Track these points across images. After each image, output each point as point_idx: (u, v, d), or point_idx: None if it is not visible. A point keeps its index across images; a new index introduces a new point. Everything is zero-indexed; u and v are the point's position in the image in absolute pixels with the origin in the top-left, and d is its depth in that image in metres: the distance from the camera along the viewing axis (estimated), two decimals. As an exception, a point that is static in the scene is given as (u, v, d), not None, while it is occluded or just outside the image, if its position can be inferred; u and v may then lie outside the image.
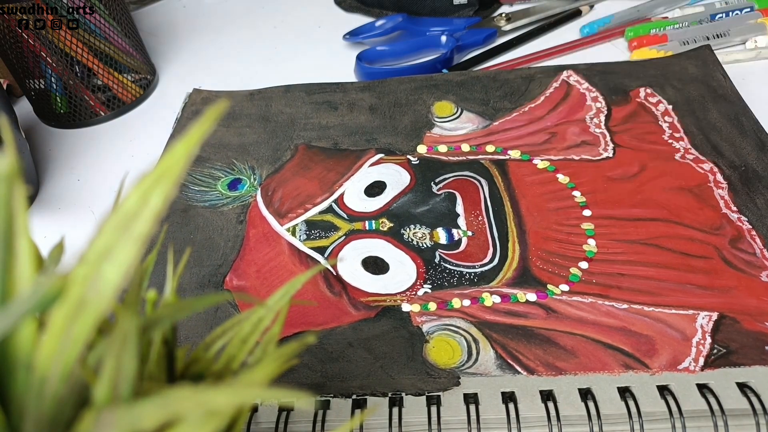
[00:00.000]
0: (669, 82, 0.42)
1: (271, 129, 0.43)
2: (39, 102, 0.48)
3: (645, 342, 0.27)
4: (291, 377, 0.27)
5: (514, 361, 0.27)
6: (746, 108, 0.39)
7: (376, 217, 0.35)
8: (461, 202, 0.36)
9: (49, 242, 0.20)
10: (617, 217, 0.34)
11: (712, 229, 0.33)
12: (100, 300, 0.11)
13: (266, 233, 0.35)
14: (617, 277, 0.31)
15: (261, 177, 0.39)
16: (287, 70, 0.52)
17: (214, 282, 0.32)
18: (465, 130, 0.41)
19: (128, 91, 0.49)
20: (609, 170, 0.37)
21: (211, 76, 0.53)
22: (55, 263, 0.14)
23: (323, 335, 0.29)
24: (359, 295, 0.31)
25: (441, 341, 0.28)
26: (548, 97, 0.43)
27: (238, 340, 0.17)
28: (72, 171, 0.44)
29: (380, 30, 0.53)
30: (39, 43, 0.44)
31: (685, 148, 0.38)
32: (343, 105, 0.45)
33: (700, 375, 0.26)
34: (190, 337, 0.29)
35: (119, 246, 0.11)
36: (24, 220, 0.12)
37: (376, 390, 0.26)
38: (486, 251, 0.33)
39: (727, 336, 0.27)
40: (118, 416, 0.11)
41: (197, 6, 0.65)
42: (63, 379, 0.12)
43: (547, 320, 0.29)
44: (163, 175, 0.11)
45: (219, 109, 0.11)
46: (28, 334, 0.12)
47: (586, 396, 0.25)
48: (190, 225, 0.35)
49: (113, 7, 0.46)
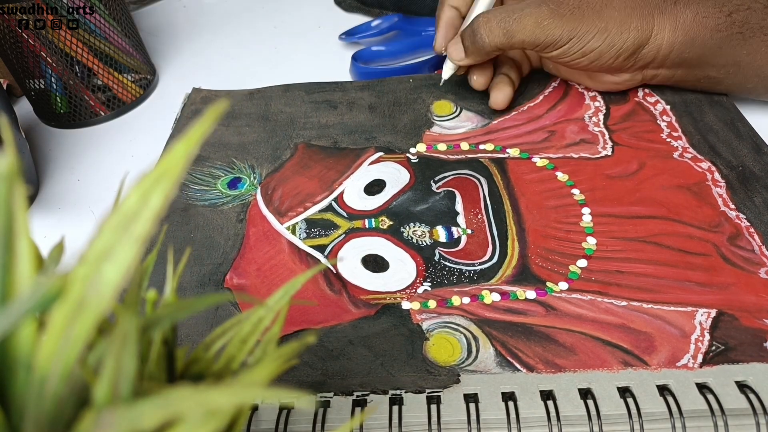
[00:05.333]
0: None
1: (271, 128, 0.43)
2: (39, 102, 0.48)
3: (644, 339, 0.27)
4: (291, 375, 0.27)
5: (514, 359, 0.27)
6: (741, 115, 0.40)
7: (376, 216, 0.35)
8: (460, 200, 0.36)
9: (49, 242, 0.20)
10: (616, 214, 0.34)
11: (710, 226, 0.33)
12: (100, 300, 0.11)
13: (266, 232, 0.35)
14: (616, 274, 0.31)
15: (261, 176, 0.39)
16: (287, 70, 0.52)
17: (215, 281, 0.32)
18: (464, 129, 0.41)
19: (128, 91, 0.49)
20: (608, 168, 0.37)
21: (211, 76, 0.53)
22: (55, 263, 0.14)
23: (323, 333, 0.29)
24: (359, 293, 0.31)
25: (441, 339, 0.28)
26: (547, 97, 0.43)
27: (238, 340, 0.17)
28: (72, 171, 0.44)
29: (376, 30, 0.53)
30: (39, 43, 0.44)
31: (683, 147, 0.38)
32: (343, 104, 0.45)
33: (699, 373, 0.26)
34: (190, 336, 0.29)
35: (119, 246, 0.11)
36: (24, 220, 0.12)
37: (376, 388, 0.26)
38: (485, 249, 0.33)
39: (725, 333, 0.27)
40: (118, 416, 0.11)
41: (197, 6, 0.65)
42: (63, 379, 0.12)
43: (546, 317, 0.29)
44: (163, 175, 0.11)
45: (219, 109, 0.12)
46: (28, 334, 0.12)
47: (585, 395, 0.25)
48: (190, 224, 0.36)
49: (113, 7, 0.46)
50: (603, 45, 0.36)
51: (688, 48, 0.37)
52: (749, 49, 0.37)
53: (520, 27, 0.36)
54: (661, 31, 0.36)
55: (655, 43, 0.37)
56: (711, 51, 0.37)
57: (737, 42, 0.37)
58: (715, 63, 0.38)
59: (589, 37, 0.36)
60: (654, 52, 0.37)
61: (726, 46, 0.37)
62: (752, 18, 0.36)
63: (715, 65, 0.38)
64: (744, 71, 0.38)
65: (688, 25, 0.36)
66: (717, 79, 0.39)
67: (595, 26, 0.36)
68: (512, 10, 0.37)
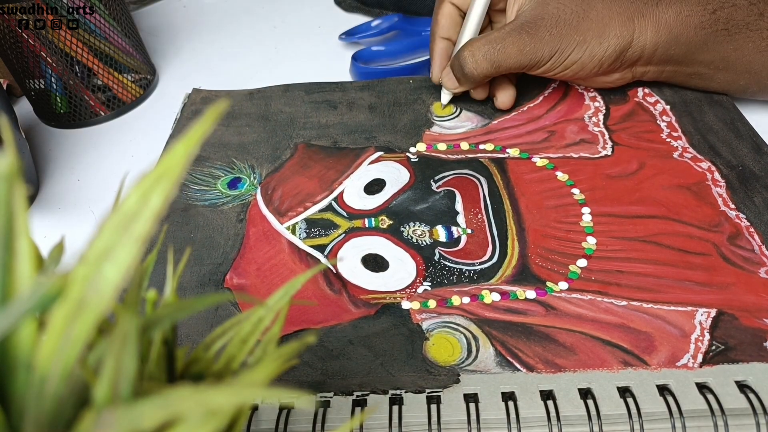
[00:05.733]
0: (667, 83, 0.43)
1: (271, 128, 0.43)
2: (39, 102, 0.48)
3: (644, 339, 0.27)
4: (291, 375, 0.27)
5: (514, 359, 0.27)
6: (741, 115, 0.40)
7: (376, 215, 0.35)
8: (460, 199, 0.36)
9: (49, 242, 0.20)
10: (616, 214, 0.34)
11: (710, 226, 0.33)
12: (100, 300, 0.11)
13: (266, 232, 0.35)
14: (616, 274, 0.31)
15: (261, 176, 0.39)
16: (287, 70, 0.52)
17: (215, 280, 0.32)
18: (464, 129, 0.41)
19: (128, 91, 0.49)
20: (608, 168, 0.37)
21: (211, 76, 0.53)
22: (55, 263, 0.14)
23: (323, 333, 0.29)
24: (359, 292, 0.31)
25: (441, 338, 0.28)
26: (547, 97, 0.43)
27: (238, 339, 0.17)
28: (72, 171, 0.44)
29: (376, 30, 0.54)
30: (39, 43, 0.44)
31: (683, 147, 0.38)
32: (343, 104, 0.45)
33: (698, 372, 0.26)
34: (190, 336, 0.29)
35: (119, 246, 0.11)
36: (24, 220, 0.12)
37: (376, 387, 0.26)
38: (485, 249, 0.33)
39: (725, 332, 0.27)
40: (118, 416, 0.11)
41: (197, 6, 0.65)
42: (63, 379, 0.12)
43: (546, 317, 0.29)
44: (163, 175, 0.11)
45: (219, 109, 0.12)
46: (28, 334, 0.12)
47: (585, 395, 0.25)
48: (190, 224, 0.36)
49: (113, 7, 0.46)
50: (584, 56, 0.38)
51: (672, 46, 0.38)
52: (735, 45, 0.38)
53: (505, 57, 0.38)
54: (643, 33, 0.37)
55: (638, 45, 0.38)
56: (696, 48, 0.38)
57: (723, 39, 0.37)
58: (702, 59, 0.39)
59: (569, 51, 0.38)
60: (638, 52, 0.38)
61: (711, 43, 0.38)
62: (737, 15, 0.37)
63: (702, 62, 0.39)
64: (733, 67, 0.39)
65: (671, 24, 0.37)
66: (708, 75, 0.40)
67: (573, 40, 0.37)
68: (494, 40, 0.38)
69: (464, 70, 0.39)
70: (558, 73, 0.39)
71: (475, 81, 0.40)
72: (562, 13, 0.37)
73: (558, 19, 0.37)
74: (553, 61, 0.38)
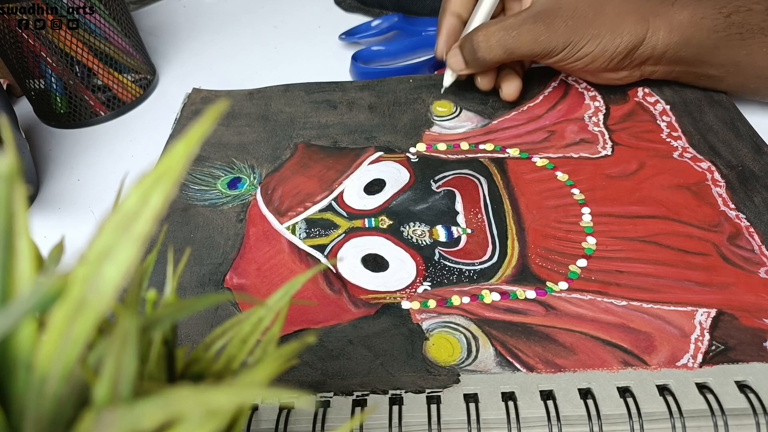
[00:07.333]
0: (666, 83, 0.43)
1: (271, 128, 0.43)
2: (39, 102, 0.48)
3: (644, 339, 0.27)
4: (291, 375, 0.27)
5: (514, 359, 0.27)
6: (741, 114, 0.40)
7: (376, 215, 0.35)
8: (460, 199, 0.36)
9: (49, 242, 0.20)
10: (616, 214, 0.34)
11: (710, 226, 0.33)
12: (100, 300, 0.11)
13: (266, 231, 0.35)
14: (616, 274, 0.31)
15: (261, 176, 0.39)
16: (287, 70, 0.52)
17: (215, 280, 0.32)
18: (464, 129, 0.41)
19: (128, 91, 0.49)
20: (608, 168, 0.37)
21: (211, 76, 0.53)
22: (55, 263, 0.14)
23: (323, 333, 0.29)
24: (359, 292, 0.31)
25: (441, 338, 0.28)
26: (547, 97, 0.43)
27: (238, 340, 0.17)
28: (72, 171, 0.44)
29: (376, 30, 0.53)
30: (39, 43, 0.44)
31: (683, 147, 0.38)
32: (343, 104, 0.45)
33: (698, 373, 0.26)
34: (190, 336, 0.29)
35: (119, 246, 0.11)
36: (24, 220, 0.12)
37: (376, 387, 0.26)
38: (485, 249, 0.33)
39: (725, 332, 0.27)
40: (118, 416, 0.11)
41: (197, 6, 0.65)
42: (63, 379, 0.12)
43: (546, 317, 0.29)
44: (163, 175, 0.11)
45: (219, 109, 0.12)
46: (28, 334, 0.12)
47: (585, 395, 0.25)
48: (190, 224, 0.36)
49: (113, 7, 0.46)
50: (596, 50, 0.38)
51: (683, 47, 0.38)
52: (748, 50, 0.37)
53: (519, 44, 0.38)
54: (656, 33, 0.37)
55: (650, 44, 0.38)
56: (707, 51, 0.38)
57: (735, 43, 0.37)
58: (713, 62, 0.39)
59: (582, 43, 0.38)
60: (649, 51, 0.38)
61: (723, 47, 0.37)
62: (752, 19, 0.37)
63: (713, 64, 0.39)
64: (744, 71, 0.39)
65: (684, 26, 0.37)
66: (717, 77, 0.40)
67: (588, 34, 0.37)
68: (509, 26, 0.38)
69: (476, 53, 0.39)
70: (568, 65, 0.39)
71: (485, 66, 0.40)
72: (579, 6, 0.37)
73: (575, 11, 0.37)
74: (566, 53, 0.38)
